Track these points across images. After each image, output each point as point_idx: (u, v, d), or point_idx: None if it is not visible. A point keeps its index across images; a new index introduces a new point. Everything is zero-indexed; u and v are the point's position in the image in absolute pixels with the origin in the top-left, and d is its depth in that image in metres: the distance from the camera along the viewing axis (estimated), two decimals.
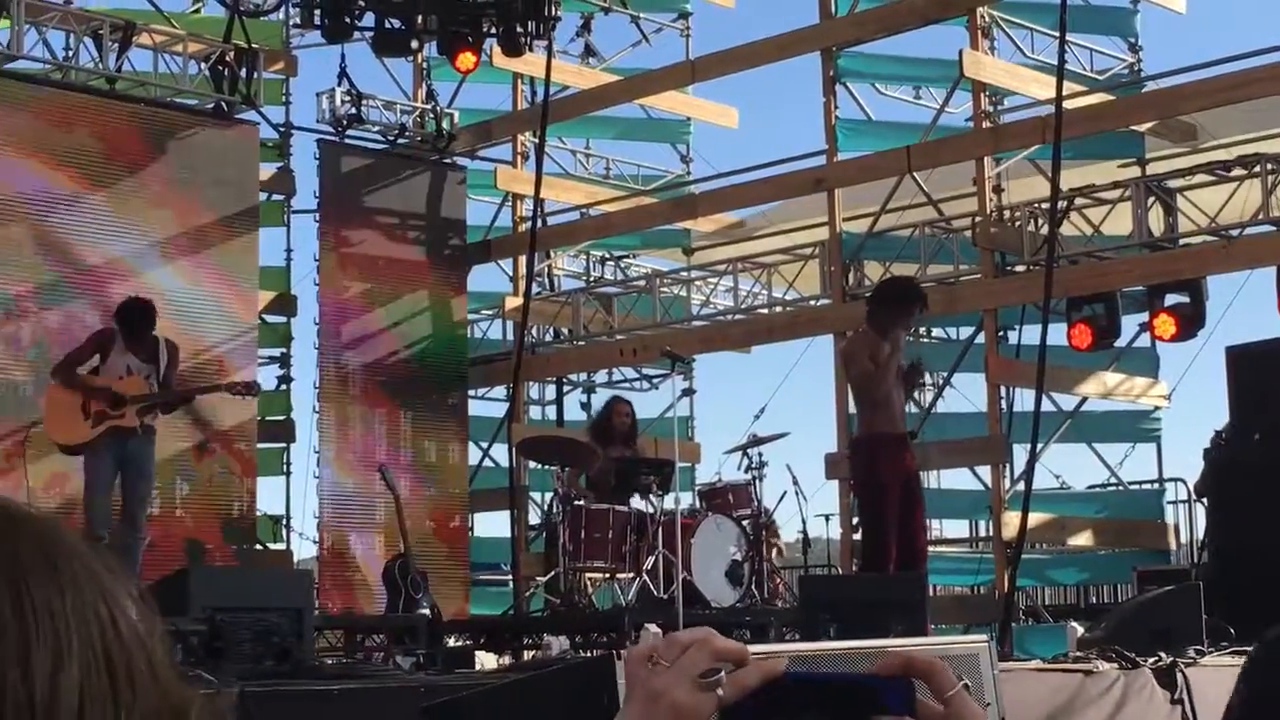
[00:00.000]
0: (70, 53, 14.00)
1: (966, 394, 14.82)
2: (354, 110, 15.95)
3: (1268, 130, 13.69)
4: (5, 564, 1.04)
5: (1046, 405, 12.93)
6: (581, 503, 11.32)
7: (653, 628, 8.67)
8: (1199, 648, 8.34)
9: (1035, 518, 12.50)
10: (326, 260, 15.63)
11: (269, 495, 15.76)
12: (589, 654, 9.47)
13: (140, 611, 1.08)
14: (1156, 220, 13.31)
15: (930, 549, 14.59)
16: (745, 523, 11.43)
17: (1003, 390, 13.71)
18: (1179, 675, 7.76)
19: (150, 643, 1.08)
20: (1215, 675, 7.91)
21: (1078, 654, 8.20)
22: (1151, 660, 7.80)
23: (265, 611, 7.11)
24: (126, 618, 1.07)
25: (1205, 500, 13.30)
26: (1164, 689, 7.72)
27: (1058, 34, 12.42)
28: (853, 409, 11.69)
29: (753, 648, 1.30)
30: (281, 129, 16.01)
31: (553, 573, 11.38)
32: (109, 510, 10.11)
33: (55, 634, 1.03)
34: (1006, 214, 13.98)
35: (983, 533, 15.51)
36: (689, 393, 17.75)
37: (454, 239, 16.59)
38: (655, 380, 18.29)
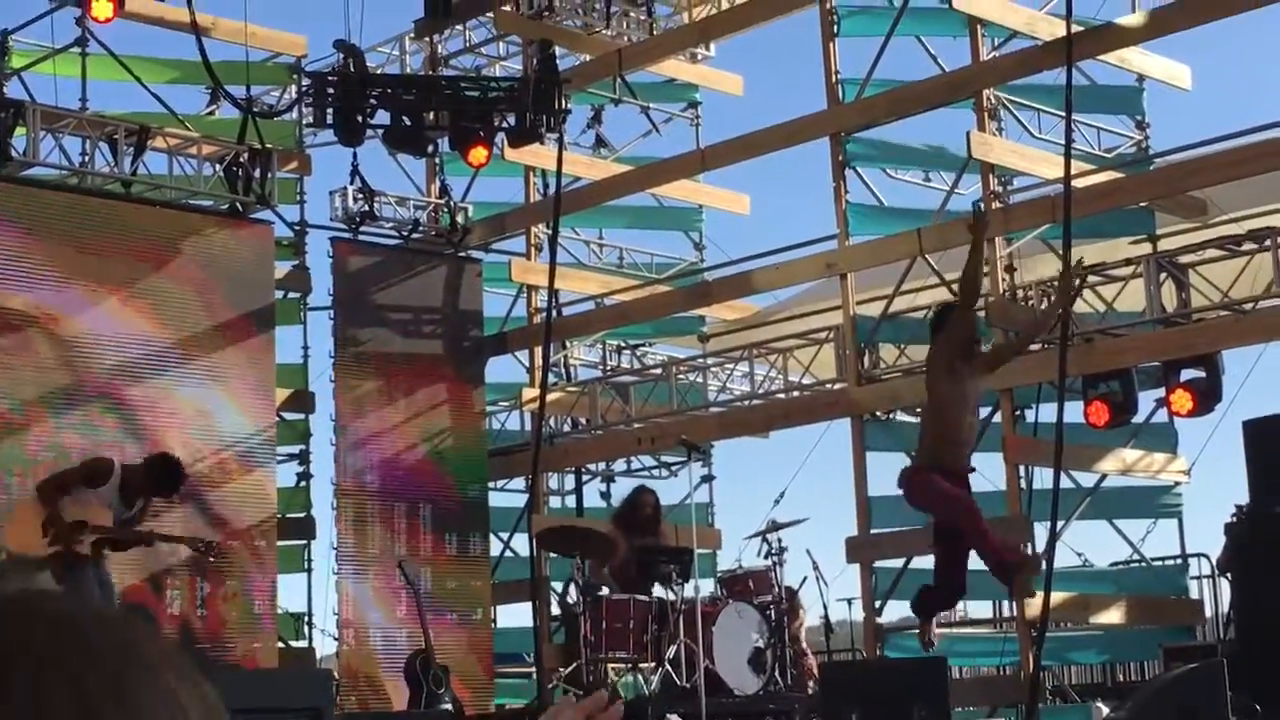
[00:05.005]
0: (86, 158, 14.13)
1: (985, 473, 14.73)
2: (367, 207, 16.08)
3: (1278, 204, 13.73)
4: (73, 692, 1.01)
5: (1066, 483, 12.91)
6: (604, 593, 11.31)
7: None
8: None
9: (1058, 596, 12.44)
10: (342, 357, 15.70)
11: (290, 592, 15.76)
12: None
13: None
14: (1169, 296, 13.33)
15: (953, 630, 14.60)
16: (767, 610, 11.39)
17: (1021, 469, 13.67)
18: None
19: None
20: None
21: None
22: None
23: (284, 713, 7.10)
24: None
25: (1228, 575, 13.24)
26: None
27: (1064, 114, 12.51)
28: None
29: None
30: (296, 227, 16.12)
31: (575, 664, 11.34)
32: None
33: None
34: (1020, 293, 14.01)
35: (1006, 613, 15.42)
36: (708, 479, 17.85)
37: (471, 331, 16.67)
38: (674, 467, 18.28)
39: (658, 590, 11.38)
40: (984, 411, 14.81)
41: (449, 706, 10.51)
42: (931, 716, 7.33)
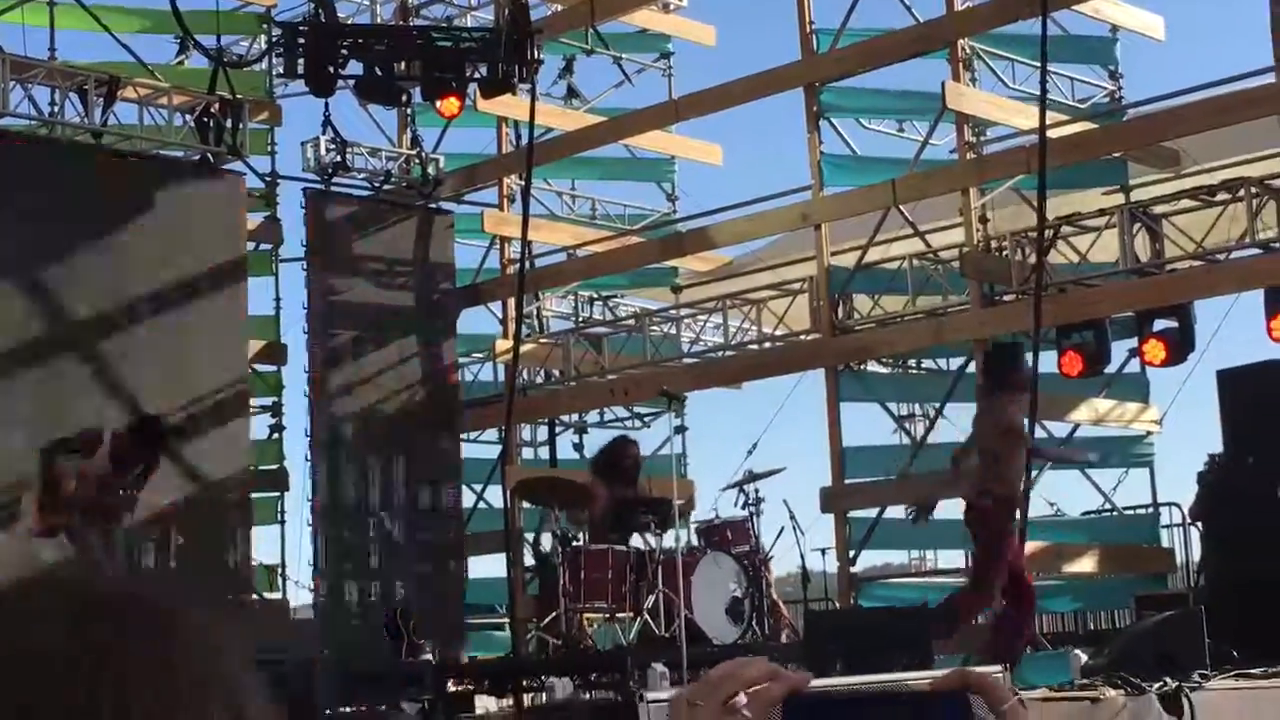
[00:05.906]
0: (56, 108, 14.01)
1: (959, 424, 14.83)
2: (339, 158, 15.99)
3: (1250, 154, 13.78)
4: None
5: (1039, 432, 12.96)
6: (579, 542, 11.32)
7: (659, 667, 8.68)
8: (1204, 672, 8.36)
9: (1032, 545, 12.51)
10: (315, 308, 15.64)
11: (264, 544, 15.75)
12: (593, 695, 9.46)
13: None
14: (1143, 246, 13.37)
15: (927, 579, 14.69)
16: (744, 560, 11.42)
17: None
18: (1185, 700, 7.78)
19: None
20: (1221, 699, 7.95)
21: (1083, 681, 8.22)
22: (1157, 686, 7.82)
23: (274, 664, 7.09)
24: None
25: (1200, 524, 13.34)
26: (1171, 714, 7.74)
27: (1038, 64, 12.51)
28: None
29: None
30: (267, 179, 16.04)
31: (552, 614, 11.35)
32: None
33: None
34: (993, 244, 14.04)
35: None
36: (680, 430, 17.88)
37: (443, 283, 16.62)
38: (647, 418, 18.30)
39: (636, 540, 11.39)
40: (957, 362, 14.92)
41: (430, 657, 10.53)
42: (914, 664, 7.37)
